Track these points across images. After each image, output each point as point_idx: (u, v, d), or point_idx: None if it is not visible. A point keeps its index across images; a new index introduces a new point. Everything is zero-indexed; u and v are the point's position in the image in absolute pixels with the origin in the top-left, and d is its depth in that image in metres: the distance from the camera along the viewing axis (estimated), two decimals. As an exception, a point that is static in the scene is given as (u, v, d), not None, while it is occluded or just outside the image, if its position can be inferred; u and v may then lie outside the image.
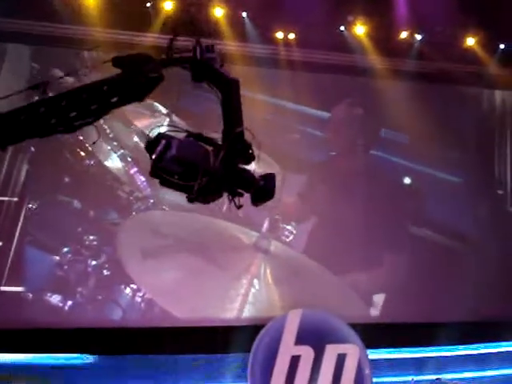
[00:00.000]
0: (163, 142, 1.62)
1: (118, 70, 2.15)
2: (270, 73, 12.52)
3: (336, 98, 13.07)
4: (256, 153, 1.56)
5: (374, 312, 12.64)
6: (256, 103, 11.80)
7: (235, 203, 1.66)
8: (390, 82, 13.08)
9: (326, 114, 13.01)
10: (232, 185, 1.69)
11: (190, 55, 1.76)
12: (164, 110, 11.91)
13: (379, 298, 12.75)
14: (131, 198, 11.95)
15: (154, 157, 1.66)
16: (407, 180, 13.58)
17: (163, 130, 1.64)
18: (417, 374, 11.58)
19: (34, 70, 11.42)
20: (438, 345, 11.95)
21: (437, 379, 10.75)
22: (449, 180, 13.54)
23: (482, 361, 12.35)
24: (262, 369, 11.05)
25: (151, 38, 11.11)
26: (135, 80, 1.83)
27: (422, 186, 13.57)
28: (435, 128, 12.87)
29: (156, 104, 11.71)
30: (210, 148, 1.71)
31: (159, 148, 1.64)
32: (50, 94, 2.05)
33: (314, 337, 11.24)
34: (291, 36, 12.48)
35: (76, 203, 11.71)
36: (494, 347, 12.54)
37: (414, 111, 12.75)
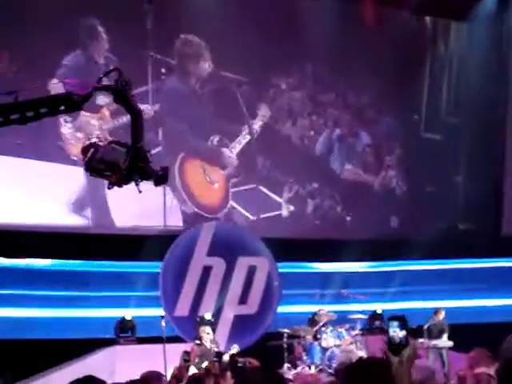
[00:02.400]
0: (92, 149, 2.54)
1: None
2: None
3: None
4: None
5: (286, 227, 12.92)
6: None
7: (138, 188, 2.62)
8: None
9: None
10: (139, 174, 2.59)
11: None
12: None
13: (291, 213, 13.03)
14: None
15: (86, 158, 2.54)
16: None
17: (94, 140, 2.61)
18: (322, 288, 11.99)
19: None
20: (345, 260, 12.37)
21: (342, 292, 11.18)
22: (363, 104, 13.78)
23: (384, 277, 12.89)
24: (173, 278, 11.25)
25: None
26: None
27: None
28: (353, 55, 13.03)
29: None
30: (124, 149, 2.58)
31: (89, 153, 2.54)
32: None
33: (227, 249, 11.48)
34: None
35: None
36: (397, 265, 13.10)
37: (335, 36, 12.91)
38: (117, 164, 2.55)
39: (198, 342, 8.88)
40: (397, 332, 2.55)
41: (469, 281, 13.57)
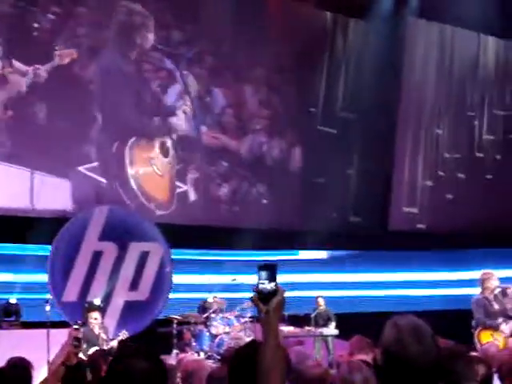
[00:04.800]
0: None
1: None
2: None
3: None
4: None
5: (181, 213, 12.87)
6: None
7: None
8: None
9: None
10: None
11: None
12: None
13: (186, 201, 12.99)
14: None
15: None
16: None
17: None
18: (215, 273, 12.03)
19: None
20: (236, 248, 12.49)
21: (233, 280, 11.26)
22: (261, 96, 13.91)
23: (282, 266, 13.05)
24: (62, 262, 10.97)
25: None
26: None
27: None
28: (253, 44, 13.15)
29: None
30: None
31: None
32: None
33: (119, 234, 11.30)
34: None
35: None
36: (288, 254, 13.35)
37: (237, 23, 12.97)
38: None
39: (75, 326, 8.64)
40: (266, 282, 2.46)
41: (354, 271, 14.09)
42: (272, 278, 2.47)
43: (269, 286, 2.46)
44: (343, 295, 13.59)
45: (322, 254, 13.89)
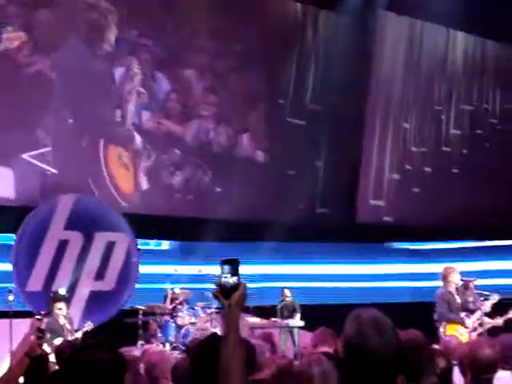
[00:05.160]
0: None
1: None
2: None
3: None
4: None
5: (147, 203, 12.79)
6: None
7: None
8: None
9: None
10: None
11: None
12: None
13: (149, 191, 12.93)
14: None
15: None
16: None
17: None
18: (181, 264, 12.00)
19: None
20: (206, 239, 12.46)
21: (199, 271, 11.25)
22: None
23: (244, 257, 13.07)
24: (27, 251, 10.84)
25: None
26: None
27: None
28: (224, 34, 13.12)
29: None
30: None
31: None
32: None
33: (85, 223, 11.19)
34: None
35: None
36: (255, 246, 13.36)
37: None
38: None
39: (38, 316, 8.52)
40: (228, 276, 2.48)
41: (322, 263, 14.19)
42: (234, 273, 2.49)
43: (231, 280, 2.48)
44: (310, 286, 13.66)
45: (287, 245, 13.90)
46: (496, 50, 16.37)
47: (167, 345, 10.31)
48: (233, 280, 2.48)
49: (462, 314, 8.88)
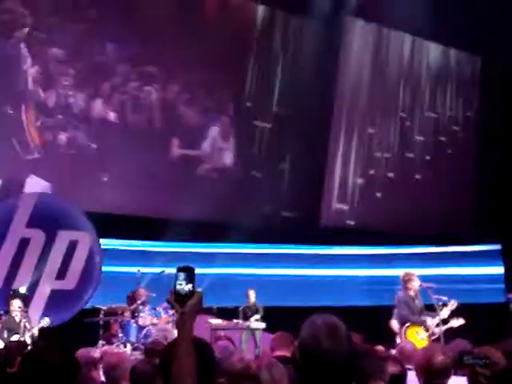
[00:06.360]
0: None
1: None
2: None
3: None
4: None
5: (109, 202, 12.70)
6: None
7: None
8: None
9: None
10: None
11: None
12: None
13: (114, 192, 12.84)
14: None
15: None
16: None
17: None
18: (144, 266, 11.95)
19: None
20: (169, 240, 12.44)
21: (161, 271, 11.19)
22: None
23: (209, 258, 13.12)
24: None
25: None
26: None
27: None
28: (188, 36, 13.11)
29: None
30: None
31: None
32: None
33: (48, 221, 11.08)
34: None
35: None
36: (220, 247, 13.41)
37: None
38: None
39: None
40: (183, 284, 2.51)
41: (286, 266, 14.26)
42: (190, 280, 2.52)
43: (186, 287, 2.51)
44: (273, 288, 13.70)
45: (254, 248, 13.96)
46: (459, 58, 16.65)
47: (128, 345, 10.27)
48: (188, 287, 2.50)
49: (424, 317, 9.00)
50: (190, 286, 2.51)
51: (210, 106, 14.00)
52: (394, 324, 9.04)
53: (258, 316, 11.72)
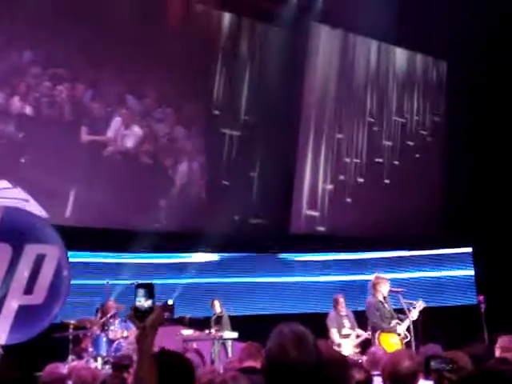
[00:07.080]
0: None
1: None
2: None
3: None
4: None
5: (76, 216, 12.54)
6: None
7: None
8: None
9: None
10: None
11: None
12: None
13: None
14: None
15: None
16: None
17: None
18: (113, 278, 11.83)
19: None
20: (136, 251, 12.33)
21: (131, 283, 11.05)
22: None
23: (179, 269, 13.05)
24: None
25: None
26: None
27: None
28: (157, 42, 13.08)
29: None
30: None
31: None
32: None
33: (14, 235, 10.88)
34: None
35: None
36: (185, 257, 13.34)
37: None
38: None
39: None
40: (143, 300, 2.58)
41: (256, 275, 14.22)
42: (149, 296, 2.59)
43: (146, 303, 2.58)
44: (243, 297, 13.66)
45: (217, 257, 13.89)
46: (425, 62, 16.81)
47: (99, 359, 10.10)
48: (147, 303, 2.57)
49: (393, 322, 9.05)
50: (149, 302, 2.58)
51: (180, 117, 13.96)
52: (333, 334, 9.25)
53: (228, 326, 11.64)
